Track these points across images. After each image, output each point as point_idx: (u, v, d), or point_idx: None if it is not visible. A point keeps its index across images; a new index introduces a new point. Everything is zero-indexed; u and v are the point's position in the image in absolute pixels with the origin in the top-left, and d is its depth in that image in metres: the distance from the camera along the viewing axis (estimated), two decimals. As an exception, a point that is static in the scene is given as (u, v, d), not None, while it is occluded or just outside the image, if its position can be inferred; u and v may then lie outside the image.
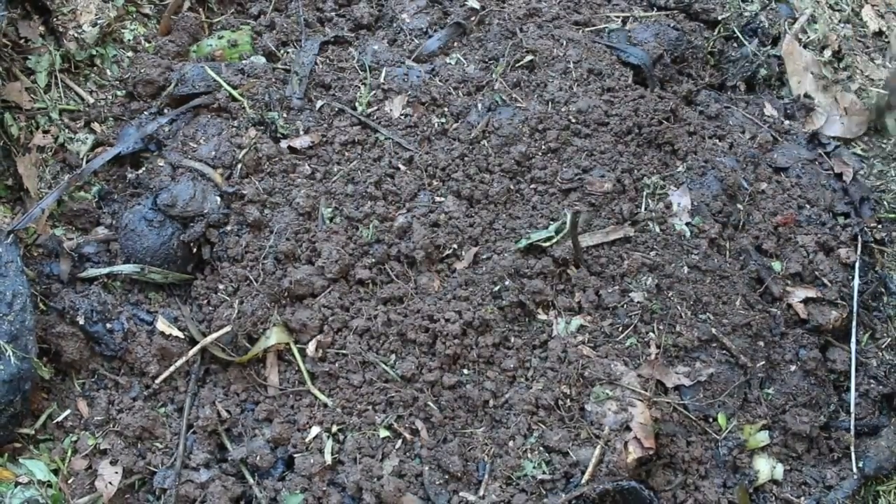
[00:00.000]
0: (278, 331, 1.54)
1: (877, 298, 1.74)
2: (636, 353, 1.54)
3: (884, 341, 1.71)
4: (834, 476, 1.56)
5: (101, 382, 1.58)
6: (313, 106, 1.80)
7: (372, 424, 1.48)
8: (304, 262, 1.60)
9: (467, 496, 1.41)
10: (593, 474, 1.41)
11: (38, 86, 1.80)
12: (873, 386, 1.65)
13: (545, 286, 1.55)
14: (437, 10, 2.02)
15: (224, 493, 1.43)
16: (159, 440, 1.52)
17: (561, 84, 1.83)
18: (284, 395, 1.54)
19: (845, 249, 1.75)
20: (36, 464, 1.46)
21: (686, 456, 1.48)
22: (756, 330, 1.63)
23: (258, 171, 1.70)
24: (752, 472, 1.53)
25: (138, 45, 1.96)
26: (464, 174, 1.70)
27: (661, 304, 1.58)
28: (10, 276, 1.47)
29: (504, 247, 1.62)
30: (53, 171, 1.75)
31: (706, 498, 1.47)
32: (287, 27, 1.99)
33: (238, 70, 1.83)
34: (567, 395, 1.47)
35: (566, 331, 1.55)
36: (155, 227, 1.63)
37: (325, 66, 1.89)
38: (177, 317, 1.61)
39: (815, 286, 1.70)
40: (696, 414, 1.52)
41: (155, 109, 1.83)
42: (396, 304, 1.57)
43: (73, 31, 1.85)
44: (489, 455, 1.45)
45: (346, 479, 1.43)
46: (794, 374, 1.63)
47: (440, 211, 1.65)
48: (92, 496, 1.46)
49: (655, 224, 1.65)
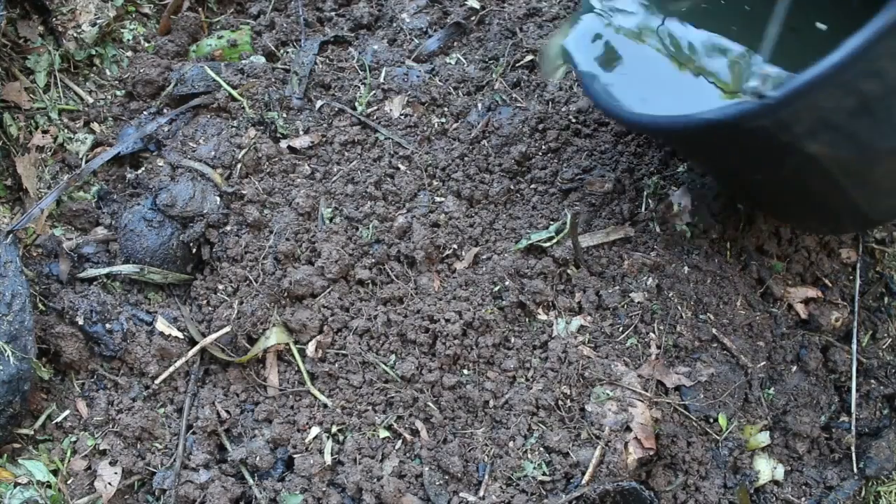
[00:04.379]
0: (278, 331, 1.54)
1: (878, 299, 1.74)
2: (637, 354, 1.53)
3: (885, 342, 1.70)
4: (835, 477, 1.56)
5: (101, 383, 1.58)
6: (313, 106, 1.80)
7: (372, 425, 1.48)
8: (303, 262, 1.60)
9: (467, 497, 1.41)
10: (593, 475, 1.41)
11: (37, 86, 1.79)
12: (874, 386, 1.65)
13: (545, 286, 1.55)
14: (436, 10, 2.02)
15: (224, 493, 1.43)
16: (159, 441, 1.52)
17: (561, 84, 1.83)
18: (284, 395, 1.54)
19: (846, 250, 1.74)
20: (35, 464, 1.46)
21: (686, 456, 1.48)
22: (757, 330, 1.63)
23: (258, 171, 1.70)
24: (753, 473, 1.53)
25: (138, 45, 1.96)
26: (464, 174, 1.70)
27: (661, 304, 1.58)
28: (9, 277, 1.46)
29: (504, 247, 1.61)
30: (53, 171, 1.75)
31: (707, 499, 1.47)
32: (287, 27, 1.98)
33: (238, 70, 1.83)
34: (567, 395, 1.47)
35: (566, 331, 1.54)
36: (154, 228, 1.63)
37: (325, 66, 1.89)
38: (176, 317, 1.61)
39: (817, 286, 1.70)
40: (697, 414, 1.52)
41: (154, 109, 1.83)
42: (396, 304, 1.57)
43: (72, 31, 1.85)
44: (489, 455, 1.45)
45: (345, 479, 1.42)
46: (794, 374, 1.63)
47: (440, 211, 1.65)
48: (91, 497, 1.46)
49: (656, 224, 1.65)
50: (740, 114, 1.13)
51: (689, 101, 1.41)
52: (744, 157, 1.34)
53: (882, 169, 1.27)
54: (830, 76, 1.04)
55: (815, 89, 1.06)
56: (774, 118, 1.11)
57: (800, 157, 1.20)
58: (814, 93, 1.07)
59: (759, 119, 1.12)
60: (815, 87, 1.06)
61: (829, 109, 1.12)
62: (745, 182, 1.52)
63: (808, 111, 1.12)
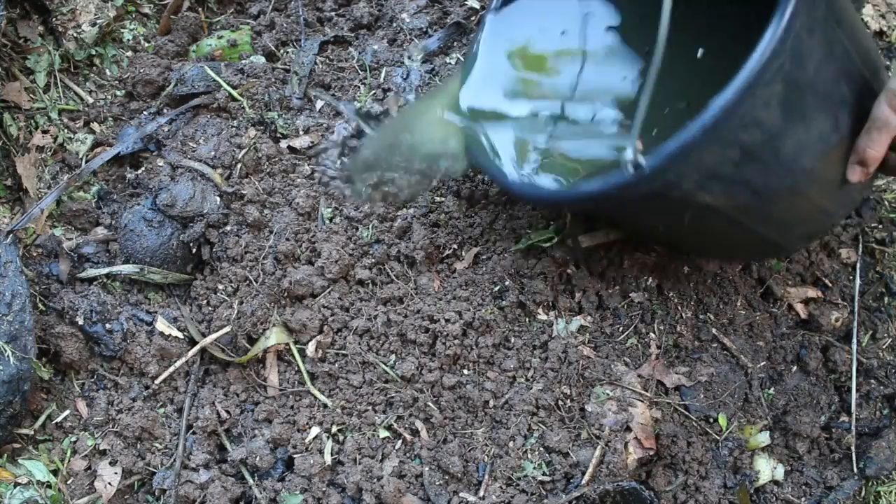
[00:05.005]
0: (278, 331, 1.54)
1: (878, 299, 1.74)
2: (637, 354, 1.53)
3: (885, 342, 1.70)
4: (835, 477, 1.56)
5: (101, 383, 1.58)
6: (313, 106, 1.80)
7: (372, 425, 1.48)
8: (303, 262, 1.60)
9: (467, 497, 1.41)
10: (594, 475, 1.41)
11: (37, 86, 1.79)
12: (874, 386, 1.65)
13: (545, 286, 1.55)
14: (436, 10, 2.02)
15: (224, 493, 1.43)
16: (159, 441, 1.52)
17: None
18: (284, 395, 1.54)
19: (846, 250, 1.74)
20: (35, 464, 1.46)
21: (686, 456, 1.48)
22: (757, 330, 1.63)
23: (258, 171, 1.70)
24: (753, 473, 1.53)
25: (138, 45, 1.96)
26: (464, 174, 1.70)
27: (661, 304, 1.58)
28: (9, 277, 1.46)
29: (504, 247, 1.61)
30: (53, 171, 1.75)
31: (707, 499, 1.47)
32: (287, 27, 1.98)
33: (238, 70, 1.83)
34: (567, 395, 1.47)
35: (566, 331, 1.54)
36: (154, 228, 1.63)
37: (325, 66, 1.89)
38: (176, 317, 1.61)
39: (817, 286, 1.70)
40: (697, 414, 1.52)
41: (154, 109, 1.83)
42: (396, 304, 1.57)
43: (72, 31, 1.85)
44: (489, 455, 1.45)
45: (345, 479, 1.42)
46: (794, 374, 1.63)
47: (440, 211, 1.65)
48: (91, 497, 1.46)
49: (656, 224, 1.65)
50: (619, 185, 1.12)
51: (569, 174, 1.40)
52: (646, 215, 1.33)
53: (782, 205, 1.27)
54: (704, 136, 1.03)
55: (691, 151, 1.05)
56: (659, 181, 1.10)
57: (697, 207, 1.19)
58: (691, 154, 1.06)
59: (639, 188, 1.11)
60: (690, 150, 1.05)
61: (714, 164, 1.11)
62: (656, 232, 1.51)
63: (690, 169, 1.11)
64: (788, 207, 1.28)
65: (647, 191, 1.12)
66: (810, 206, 1.30)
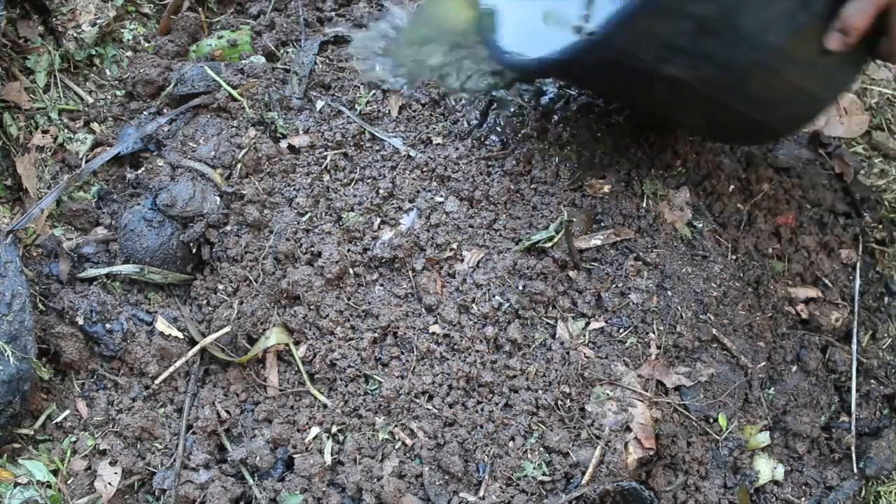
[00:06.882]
0: (278, 331, 1.54)
1: (878, 299, 1.74)
2: (637, 354, 1.53)
3: (885, 342, 1.70)
4: (835, 477, 1.56)
5: (101, 383, 1.58)
6: (313, 106, 1.80)
7: (372, 425, 1.48)
8: (303, 262, 1.60)
9: (467, 497, 1.41)
10: (593, 475, 1.41)
11: (37, 86, 1.79)
12: (874, 387, 1.65)
13: (546, 287, 1.55)
14: (437, 10, 2.02)
15: (224, 493, 1.43)
16: (159, 441, 1.52)
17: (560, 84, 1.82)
18: (284, 395, 1.54)
19: (846, 250, 1.74)
20: (35, 464, 1.46)
21: (686, 456, 1.48)
22: (757, 330, 1.63)
23: (258, 171, 1.69)
24: (753, 473, 1.53)
25: (138, 45, 1.96)
26: (464, 174, 1.69)
27: (661, 304, 1.58)
28: (9, 277, 1.46)
29: (504, 247, 1.61)
30: (53, 171, 1.75)
31: (707, 499, 1.47)
32: (287, 27, 1.98)
33: (238, 70, 1.83)
34: (567, 395, 1.47)
35: (566, 331, 1.54)
36: (154, 228, 1.63)
37: (325, 66, 1.89)
38: (176, 317, 1.61)
39: (817, 287, 1.70)
40: (697, 414, 1.52)
41: (154, 109, 1.83)
42: (396, 304, 1.56)
43: (72, 31, 1.85)
44: (489, 455, 1.45)
45: (345, 479, 1.42)
46: (794, 374, 1.63)
47: (440, 211, 1.65)
48: (91, 497, 1.46)
49: (656, 224, 1.65)
50: (575, 51, 1.17)
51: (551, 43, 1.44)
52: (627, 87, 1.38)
53: (756, 83, 1.27)
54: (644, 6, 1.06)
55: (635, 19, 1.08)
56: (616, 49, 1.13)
57: (665, 80, 1.22)
58: (636, 23, 1.09)
59: (595, 54, 1.15)
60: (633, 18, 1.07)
61: (668, 35, 1.13)
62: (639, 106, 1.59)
63: (644, 39, 1.13)
64: (763, 85, 1.28)
65: (603, 56, 1.16)
66: (788, 86, 1.29)
